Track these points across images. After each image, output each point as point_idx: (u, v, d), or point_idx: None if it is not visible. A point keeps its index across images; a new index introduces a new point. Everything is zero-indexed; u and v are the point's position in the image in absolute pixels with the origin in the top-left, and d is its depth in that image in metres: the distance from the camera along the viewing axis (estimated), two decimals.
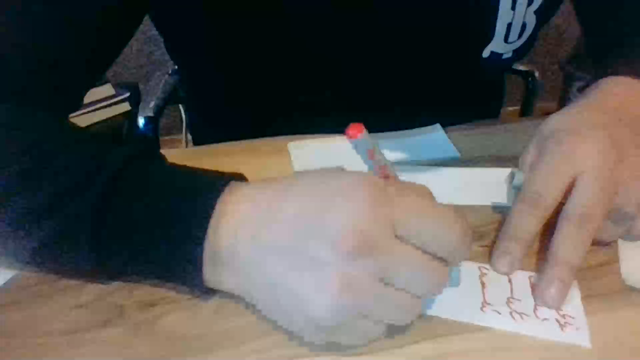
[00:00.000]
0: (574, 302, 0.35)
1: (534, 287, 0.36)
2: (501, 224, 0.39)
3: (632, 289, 0.36)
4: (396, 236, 0.29)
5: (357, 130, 0.30)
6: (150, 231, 0.32)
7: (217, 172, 0.35)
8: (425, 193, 0.32)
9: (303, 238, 0.29)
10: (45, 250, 0.34)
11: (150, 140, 0.85)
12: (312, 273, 0.29)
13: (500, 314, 0.34)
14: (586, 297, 0.35)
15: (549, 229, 0.37)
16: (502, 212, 0.43)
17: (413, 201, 0.30)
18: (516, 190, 0.40)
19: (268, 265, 0.30)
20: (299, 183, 0.32)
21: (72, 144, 0.37)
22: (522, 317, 0.34)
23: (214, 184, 0.33)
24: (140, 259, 0.33)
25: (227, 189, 0.33)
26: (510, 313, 0.34)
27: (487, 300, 0.35)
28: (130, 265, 0.34)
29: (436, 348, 0.32)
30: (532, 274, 0.37)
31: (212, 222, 0.31)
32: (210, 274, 0.32)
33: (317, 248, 0.29)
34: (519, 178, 0.41)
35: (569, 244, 0.35)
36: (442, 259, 0.30)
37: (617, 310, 0.34)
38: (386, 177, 0.33)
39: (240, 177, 0.35)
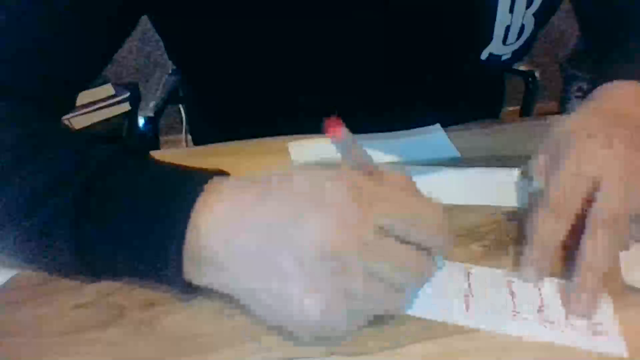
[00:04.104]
0: (606, 309, 0.34)
1: (564, 295, 0.35)
2: (523, 229, 0.39)
3: (632, 289, 0.36)
4: (380, 229, 0.30)
5: (336, 127, 0.30)
6: (130, 227, 0.32)
7: (200, 169, 0.35)
8: (404, 183, 0.33)
9: (278, 245, 0.30)
10: (28, 245, 0.34)
11: (150, 140, 0.85)
12: (298, 280, 0.29)
13: (531, 323, 0.33)
14: None
15: (572, 233, 0.36)
16: (502, 212, 0.43)
17: (392, 196, 0.31)
18: (534, 196, 0.39)
19: (249, 269, 0.31)
20: (278, 186, 0.32)
21: (58, 141, 0.37)
22: (553, 326, 0.33)
23: (195, 182, 0.33)
24: (120, 254, 0.33)
25: (207, 187, 0.33)
26: (542, 322, 0.33)
27: (518, 309, 0.34)
28: (110, 262, 0.34)
29: (437, 348, 0.32)
30: (561, 281, 0.36)
31: (192, 220, 0.32)
32: (194, 272, 0.33)
33: (297, 255, 0.29)
34: (537, 183, 0.40)
35: (600, 249, 0.35)
36: (425, 249, 0.31)
37: (617, 310, 0.34)
38: (368, 173, 0.33)
39: (222, 174, 0.35)
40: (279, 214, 0.31)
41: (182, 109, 1.01)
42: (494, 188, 0.46)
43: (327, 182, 0.31)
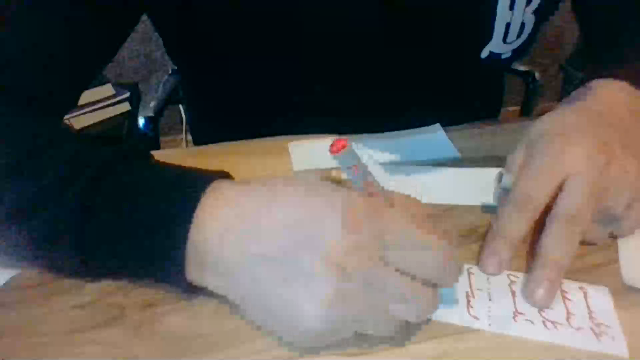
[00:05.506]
0: (608, 310, 0.34)
1: (564, 295, 0.35)
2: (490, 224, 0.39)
3: (632, 289, 0.36)
4: (380, 258, 0.29)
5: (341, 146, 0.30)
6: (134, 229, 0.32)
7: (202, 170, 0.35)
8: (411, 209, 0.32)
9: (293, 250, 0.29)
10: (30, 246, 0.34)
11: (150, 140, 0.85)
12: (304, 285, 0.29)
13: (533, 323, 0.33)
14: None
15: (539, 230, 0.37)
16: None
17: (398, 223, 0.30)
18: (505, 191, 0.40)
19: (257, 274, 0.30)
20: (284, 191, 0.32)
21: (59, 142, 0.37)
22: (555, 326, 0.33)
23: (197, 183, 0.33)
24: (124, 256, 0.33)
25: (210, 189, 0.33)
26: (543, 322, 0.33)
27: (519, 309, 0.34)
28: (114, 264, 0.34)
29: (437, 348, 0.32)
30: (563, 280, 0.36)
31: (196, 221, 0.31)
32: (195, 274, 0.32)
33: (310, 261, 0.29)
34: (508, 179, 0.40)
35: (557, 244, 0.35)
36: (431, 283, 0.31)
37: (617, 310, 0.34)
38: (371, 194, 0.32)
39: (224, 175, 0.35)
40: (294, 218, 0.30)
41: (182, 109, 1.01)
42: (493, 188, 0.46)
43: (334, 192, 0.31)
